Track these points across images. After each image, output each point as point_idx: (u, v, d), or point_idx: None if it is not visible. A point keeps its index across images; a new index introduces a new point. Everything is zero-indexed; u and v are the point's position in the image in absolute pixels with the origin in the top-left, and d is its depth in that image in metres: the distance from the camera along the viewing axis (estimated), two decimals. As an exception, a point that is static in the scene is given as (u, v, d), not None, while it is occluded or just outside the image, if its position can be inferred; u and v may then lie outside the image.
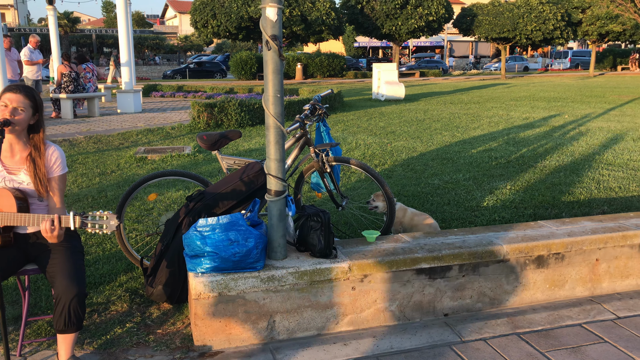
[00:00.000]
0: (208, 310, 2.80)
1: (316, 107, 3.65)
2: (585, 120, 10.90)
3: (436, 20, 28.46)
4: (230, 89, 18.34)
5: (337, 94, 14.46)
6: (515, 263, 3.31)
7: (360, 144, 8.29)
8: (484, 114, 12.25)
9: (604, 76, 33.29)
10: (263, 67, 2.84)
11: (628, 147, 7.70)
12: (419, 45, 60.36)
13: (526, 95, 17.76)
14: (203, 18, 26.35)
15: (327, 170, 3.59)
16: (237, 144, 8.44)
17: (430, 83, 28.08)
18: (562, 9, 31.95)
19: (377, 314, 3.11)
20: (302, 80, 33.69)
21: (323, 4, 27.03)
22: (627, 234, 3.48)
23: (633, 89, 20.61)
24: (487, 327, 3.09)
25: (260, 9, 2.80)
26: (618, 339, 2.97)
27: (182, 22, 67.36)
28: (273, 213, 2.95)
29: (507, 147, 7.81)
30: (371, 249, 3.18)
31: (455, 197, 5.22)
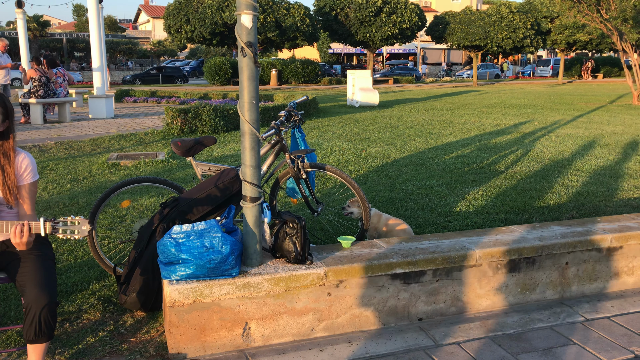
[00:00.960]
0: (183, 317, 2.77)
1: (291, 113, 3.66)
2: (555, 127, 11.16)
3: (409, 27, 28.83)
4: (205, 94, 18.23)
5: (312, 100, 14.51)
6: (487, 267, 3.37)
7: (335, 150, 8.33)
8: (456, 121, 12.43)
9: (572, 84, 34.13)
10: (238, 73, 2.85)
11: (595, 154, 7.91)
12: (393, 52, 60.97)
13: (497, 103, 18.08)
14: (177, 23, 26.17)
15: (303, 176, 3.60)
16: (211, 150, 8.39)
17: (403, 90, 28.37)
18: (531, 18, 32.68)
19: (352, 319, 3.13)
20: (276, 86, 33.69)
21: (297, 10, 27.13)
22: (595, 238, 3.57)
23: (600, 96, 21.17)
24: (461, 331, 3.14)
25: (236, 16, 2.81)
26: (587, 340, 3.04)
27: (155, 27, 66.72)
28: (248, 219, 2.94)
29: (479, 154, 7.95)
30: (347, 254, 3.20)
31: (428, 203, 5.29)
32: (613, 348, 2.96)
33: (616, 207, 5.07)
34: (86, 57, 49.09)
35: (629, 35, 16.73)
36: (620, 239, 3.63)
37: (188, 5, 25.81)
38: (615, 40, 17.95)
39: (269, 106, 11.82)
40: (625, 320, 3.30)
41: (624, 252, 3.69)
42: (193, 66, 49.52)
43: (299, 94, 16.43)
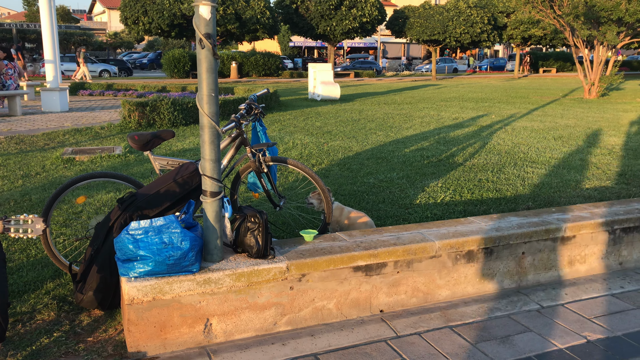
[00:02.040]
0: (142, 315, 2.72)
1: (252, 106, 3.62)
2: (511, 120, 11.43)
3: (369, 21, 28.97)
4: (163, 87, 17.88)
5: (273, 94, 14.42)
6: (447, 258, 3.43)
7: (297, 144, 8.30)
8: (416, 114, 12.58)
9: (527, 78, 35.03)
10: (197, 65, 2.79)
11: (550, 146, 8.14)
12: (353, 46, 61.20)
13: (456, 96, 18.39)
14: (134, 14, 25.53)
15: (264, 170, 3.57)
16: (170, 144, 8.24)
17: (364, 84, 28.53)
18: (488, 13, 33.34)
19: (315, 312, 3.13)
20: (237, 79, 33.34)
21: (257, 2, 26.88)
22: (550, 228, 3.67)
23: (553, 90, 21.81)
24: (422, 322, 3.18)
25: (194, 7, 2.75)
26: (542, 327, 3.13)
27: (111, 18, 64.96)
28: (209, 214, 2.90)
29: (438, 147, 8.07)
30: (309, 248, 3.19)
31: (389, 196, 5.33)
32: (567, 334, 3.06)
33: (570, 197, 5.24)
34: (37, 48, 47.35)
35: (580, 31, 17.27)
36: (573, 229, 3.75)
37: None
38: (568, 36, 18.50)
39: (229, 99, 11.68)
40: (578, 307, 3.41)
41: (577, 241, 3.81)
42: (151, 58, 48.49)
43: (259, 87, 16.30)
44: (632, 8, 15.59)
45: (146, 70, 45.18)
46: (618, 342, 2.99)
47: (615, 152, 7.64)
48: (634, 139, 8.84)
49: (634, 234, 4.01)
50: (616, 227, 3.91)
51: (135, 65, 47.17)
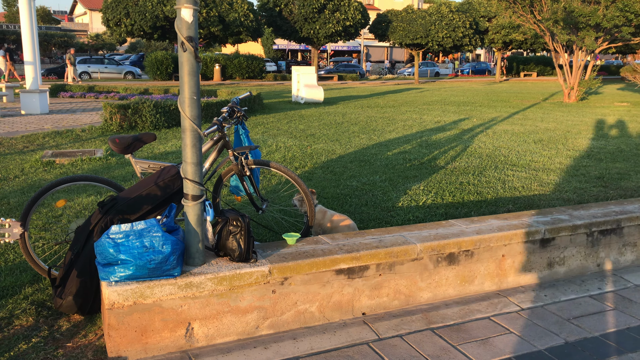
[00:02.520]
0: (122, 319, 2.69)
1: (234, 109, 3.62)
2: (492, 124, 11.55)
3: (353, 25, 29.07)
4: (145, 89, 17.75)
5: (256, 96, 14.40)
6: (428, 261, 3.45)
7: (280, 147, 8.30)
8: (398, 118, 12.66)
9: (508, 82, 35.44)
10: (179, 68, 2.78)
11: (530, 149, 8.25)
12: (337, 49, 61.37)
13: (438, 100, 18.54)
14: (116, 16, 25.31)
15: (247, 173, 3.57)
16: (152, 147, 8.18)
17: (348, 87, 28.62)
18: (470, 17, 33.67)
19: (297, 315, 3.13)
20: (220, 81, 33.23)
21: (241, 5, 26.82)
22: (530, 230, 3.72)
23: (534, 94, 22.10)
24: (403, 324, 3.20)
25: (176, 10, 2.74)
26: (522, 329, 3.17)
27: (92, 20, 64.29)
28: (190, 218, 2.89)
29: (421, 150, 8.12)
30: (291, 251, 3.20)
31: (372, 198, 5.36)
32: (545, 335, 3.11)
33: (549, 200, 5.31)
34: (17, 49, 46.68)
35: (560, 36, 17.53)
36: (552, 231, 3.80)
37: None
38: (548, 41, 18.77)
39: (212, 102, 11.64)
40: (557, 309, 3.46)
41: (556, 243, 3.87)
42: (133, 60, 48.05)
43: (243, 90, 16.27)
44: (609, 14, 15.88)
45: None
46: (595, 342, 3.04)
47: (593, 155, 7.77)
48: (611, 143, 9.00)
49: (611, 236, 4.08)
50: (594, 229, 3.98)
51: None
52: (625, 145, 8.79)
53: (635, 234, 4.20)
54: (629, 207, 4.31)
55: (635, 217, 4.13)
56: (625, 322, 3.30)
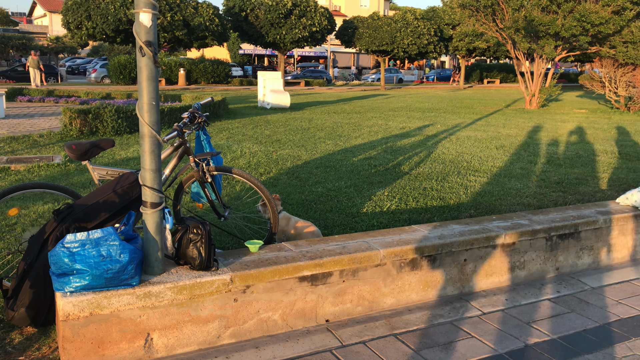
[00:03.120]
0: (78, 331, 2.61)
1: (195, 115, 3.56)
2: (456, 130, 11.74)
3: (319, 31, 29.19)
4: (107, 94, 17.39)
5: (222, 101, 14.28)
6: (391, 266, 3.46)
7: (245, 152, 8.24)
8: (364, 124, 12.74)
9: (472, 88, 36.14)
10: (137, 73, 2.72)
11: (492, 155, 8.41)
12: (304, 54, 61.49)
13: (403, 106, 18.75)
14: (76, 19, 24.75)
15: (208, 180, 3.52)
16: (114, 153, 8.01)
17: (315, 92, 28.69)
18: (435, 25, 34.23)
19: (260, 324, 3.09)
20: (185, 86, 32.85)
21: (206, 9, 26.60)
22: (490, 235, 3.78)
23: (497, 101, 22.58)
24: (367, 330, 3.20)
25: (134, 14, 2.69)
26: (483, 333, 3.21)
27: (52, 22, 62.74)
28: (149, 226, 2.82)
29: (386, 155, 8.18)
30: (254, 259, 3.16)
31: (337, 204, 5.36)
32: (506, 339, 3.15)
33: (510, 205, 5.41)
34: (-27, 51, 45.11)
35: (521, 44, 17.97)
36: (512, 236, 3.87)
37: (89, 0, 24.47)
38: (510, 48, 19.22)
39: (176, 107, 11.48)
40: (517, 312, 3.52)
41: (517, 248, 3.93)
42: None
43: (208, 95, 16.12)
44: (567, 24, 16.37)
45: (91, 76, 43.71)
46: (554, 345, 3.10)
47: (553, 161, 7.97)
48: (571, 149, 9.25)
49: (569, 240, 4.18)
50: (553, 234, 4.07)
51: (79, 72, 45.63)
52: (583, 151, 9.05)
53: (592, 238, 4.31)
54: (585, 212, 4.42)
55: (591, 222, 4.24)
56: (583, 324, 3.37)
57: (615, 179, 6.85)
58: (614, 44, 17.87)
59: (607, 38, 17.72)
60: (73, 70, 45.75)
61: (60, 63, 45.73)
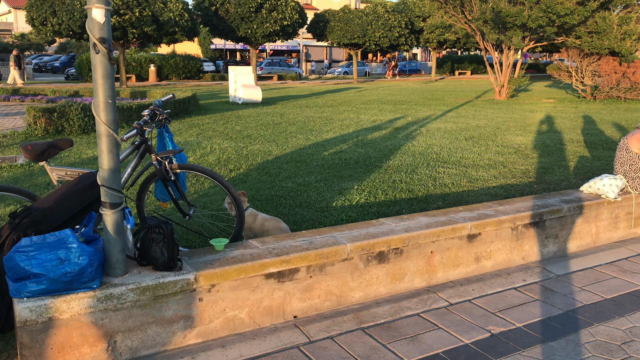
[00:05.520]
0: (36, 337, 2.54)
1: (156, 112, 3.50)
2: (426, 122, 11.82)
3: (290, 24, 29.00)
4: (75, 92, 17.03)
5: (192, 97, 14.11)
6: (359, 260, 3.46)
7: (215, 149, 8.16)
8: (336, 117, 12.73)
9: (443, 80, 36.44)
10: (92, 71, 2.66)
11: (461, 146, 8.48)
12: (276, 49, 61.15)
13: (375, 99, 18.80)
14: (41, 15, 24.11)
15: (171, 178, 3.46)
16: (80, 152, 7.85)
17: (287, 87, 28.58)
18: (405, 17, 34.34)
19: (226, 322, 3.06)
20: (156, 82, 32.41)
21: (175, 4, 26.20)
22: (456, 226, 3.81)
23: (468, 92, 22.81)
24: (335, 325, 3.20)
25: (86, 10, 2.62)
26: (450, 324, 3.24)
27: (17, 19, 61.13)
28: (109, 227, 2.77)
29: (356, 149, 8.19)
30: (219, 257, 3.13)
31: (307, 199, 5.34)
32: (472, 329, 3.18)
33: (477, 196, 5.47)
34: None
35: (489, 36, 18.16)
36: (478, 226, 3.90)
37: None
38: (479, 40, 19.41)
39: (145, 104, 11.30)
40: (484, 302, 3.56)
41: (483, 238, 3.97)
42: (63, 61, 46.05)
43: (179, 90, 15.90)
44: (533, 15, 16.59)
45: (59, 73, 42.80)
46: (519, 333, 3.14)
47: (521, 151, 8.08)
48: (538, 138, 9.39)
49: (534, 229, 4.24)
50: (518, 223, 4.12)
51: (46, 69, 44.58)
52: (550, 140, 9.20)
53: (557, 227, 4.38)
54: (550, 201, 4.49)
55: (556, 210, 4.31)
56: (547, 312, 3.43)
57: (581, 167, 6.98)
58: (580, 34, 18.20)
59: (573, 29, 18.03)
60: (40, 68, 44.62)
61: (26, 61, 44.55)
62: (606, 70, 18.09)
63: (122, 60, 26.39)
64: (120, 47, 26.39)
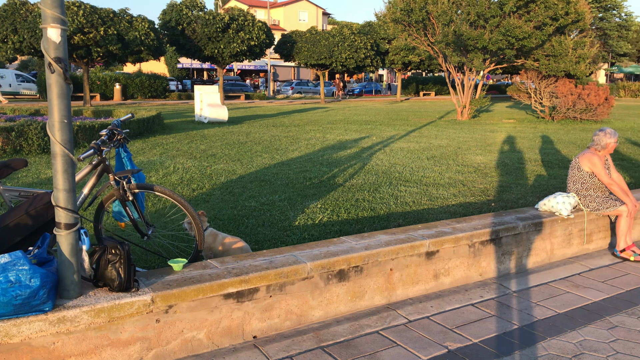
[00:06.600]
0: (-16, 363, 2.47)
1: (115, 132, 3.48)
2: (390, 142, 12.00)
3: (258, 45, 29.16)
4: (36, 110, 16.67)
5: (156, 116, 13.99)
6: (319, 279, 3.49)
7: (178, 168, 8.10)
8: (302, 137, 12.81)
9: (408, 101, 37.09)
10: (47, 91, 2.64)
11: (423, 165, 8.64)
12: (244, 68, 61.25)
13: (341, 119, 18.99)
14: (2, 32, 23.65)
15: (129, 198, 3.43)
16: (38, 172, 7.68)
17: (255, 106, 28.62)
18: (371, 39, 34.94)
19: (184, 344, 3.03)
20: (121, 101, 32.03)
21: (142, 23, 26.07)
22: (415, 244, 3.87)
23: (431, 113, 23.26)
24: (294, 344, 3.20)
25: (42, 29, 2.61)
26: (408, 341, 3.28)
27: (-23, 35, 59.65)
28: (63, 248, 2.72)
29: (321, 168, 8.25)
30: (177, 278, 3.10)
31: (269, 218, 5.35)
32: (430, 345, 3.23)
33: (437, 214, 5.57)
34: None
35: (451, 58, 18.64)
36: (436, 244, 3.98)
37: (15, 13, 23.44)
38: (441, 62, 19.89)
39: (108, 123, 11.15)
40: (442, 318, 3.61)
41: (441, 255, 4.05)
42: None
43: (144, 110, 15.74)
44: (494, 38, 17.13)
45: (19, 91, 41.73)
46: (475, 349, 3.20)
47: (480, 170, 8.27)
48: (498, 158, 9.64)
49: (491, 246, 4.34)
50: (475, 240, 4.22)
51: (6, 87, 43.41)
52: (509, 159, 9.45)
53: (513, 243, 4.50)
54: (506, 218, 4.61)
55: (512, 227, 4.43)
56: (503, 327, 3.50)
57: (538, 185, 7.19)
58: (538, 57, 18.85)
59: (531, 51, 18.66)
60: (0, 85, 43.45)
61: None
62: (563, 91, 18.74)
63: (86, 79, 26.02)
64: (85, 65, 26.05)
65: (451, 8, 17.74)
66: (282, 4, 66.91)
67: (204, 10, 28.36)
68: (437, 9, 17.70)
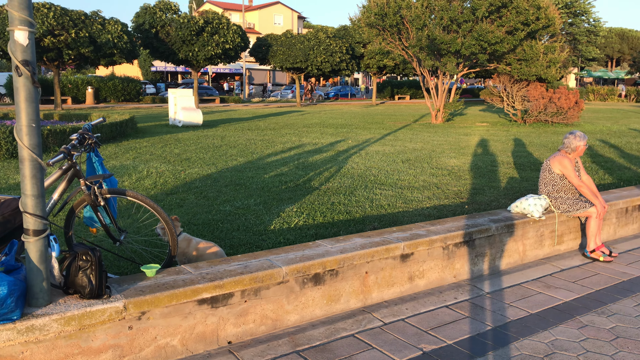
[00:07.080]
0: (-51, 375, 2.40)
1: (85, 136, 3.42)
2: (366, 145, 12.06)
3: (233, 48, 29.02)
4: (5, 114, 16.30)
5: (130, 120, 13.81)
6: (294, 283, 3.48)
7: (152, 172, 8.00)
8: (278, 140, 12.78)
9: (384, 104, 37.34)
10: (14, 95, 2.58)
11: (398, 169, 8.70)
12: (219, 71, 60.90)
13: (317, 122, 19.02)
14: (-31, 34, 23.09)
15: (101, 203, 3.37)
16: (7, 177, 7.50)
17: (230, 109, 28.47)
18: (346, 43, 35.10)
19: (158, 351, 2.99)
20: (93, 104, 31.55)
21: (114, 26, 25.72)
22: (390, 247, 3.89)
23: (406, 116, 23.45)
24: (270, 349, 3.18)
25: (9, 32, 2.55)
26: (383, 343, 3.29)
27: (-57, 37, 58.13)
28: (32, 255, 2.66)
29: (297, 172, 8.24)
30: (149, 284, 3.06)
31: (245, 223, 5.32)
32: (405, 348, 3.24)
33: (411, 216, 5.61)
34: None
35: (425, 62, 18.84)
36: (411, 246, 4.01)
37: (-18, 15, 22.94)
38: (415, 66, 20.08)
39: (79, 127, 10.96)
40: (417, 320, 3.64)
41: (415, 257, 4.08)
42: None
43: (117, 113, 15.53)
44: (466, 42, 17.37)
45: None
46: (450, 350, 3.23)
47: (454, 173, 8.37)
48: (471, 161, 9.76)
49: (464, 248, 4.39)
50: (449, 242, 4.26)
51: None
52: (482, 162, 9.58)
53: (486, 245, 4.55)
54: (479, 220, 4.67)
55: (485, 229, 4.49)
56: (477, 328, 3.54)
57: (510, 188, 7.30)
58: (510, 61, 19.17)
59: (504, 56, 18.98)
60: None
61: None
62: (534, 95, 19.10)
63: (57, 82, 25.56)
64: (55, 68, 25.59)
65: (425, 12, 17.93)
66: (257, 7, 66.75)
67: (178, 13, 28.13)
68: (411, 14, 17.88)
